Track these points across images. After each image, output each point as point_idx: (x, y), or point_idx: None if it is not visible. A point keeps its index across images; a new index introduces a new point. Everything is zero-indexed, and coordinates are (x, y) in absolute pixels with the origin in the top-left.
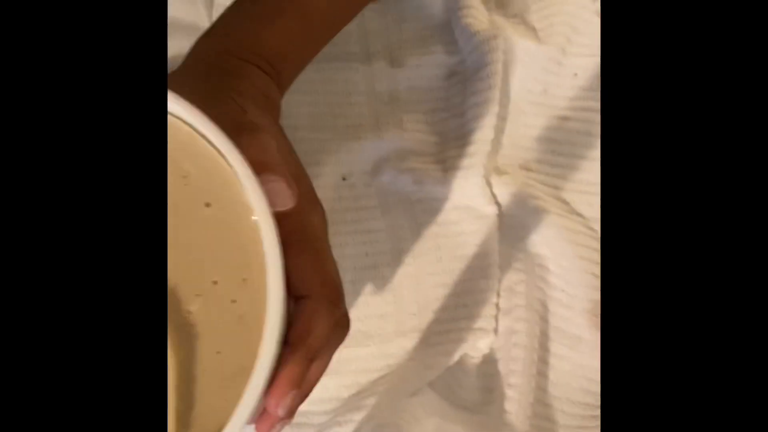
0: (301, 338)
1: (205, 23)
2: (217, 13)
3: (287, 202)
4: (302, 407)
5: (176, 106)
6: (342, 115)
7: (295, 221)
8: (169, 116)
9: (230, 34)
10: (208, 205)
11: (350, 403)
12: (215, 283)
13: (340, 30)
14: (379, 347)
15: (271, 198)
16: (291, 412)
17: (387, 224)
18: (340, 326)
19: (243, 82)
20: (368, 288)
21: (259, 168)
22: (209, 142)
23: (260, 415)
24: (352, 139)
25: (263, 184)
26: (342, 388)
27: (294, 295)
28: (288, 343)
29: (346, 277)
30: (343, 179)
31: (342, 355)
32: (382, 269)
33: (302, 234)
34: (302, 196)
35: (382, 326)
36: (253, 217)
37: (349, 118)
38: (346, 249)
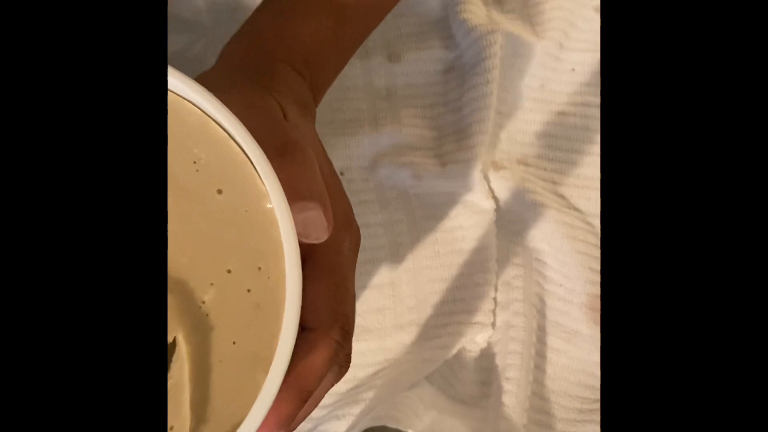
0: (298, 377)
1: (203, 19)
2: (215, 9)
3: (321, 235)
4: None
5: (185, 88)
6: (339, 110)
7: (320, 246)
8: (178, 99)
9: (260, 33)
10: (220, 191)
11: (348, 397)
12: (229, 271)
13: (373, 29)
14: (377, 341)
15: (304, 228)
16: None
17: (385, 219)
18: (342, 366)
19: (276, 80)
20: (366, 282)
21: (297, 194)
22: (220, 125)
23: None
24: (350, 134)
25: (299, 211)
26: (340, 383)
27: (300, 324)
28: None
29: None
30: (341, 174)
31: None
32: (379, 263)
33: (325, 261)
34: (336, 219)
35: (380, 320)
36: (267, 204)
37: (347, 113)
38: None
